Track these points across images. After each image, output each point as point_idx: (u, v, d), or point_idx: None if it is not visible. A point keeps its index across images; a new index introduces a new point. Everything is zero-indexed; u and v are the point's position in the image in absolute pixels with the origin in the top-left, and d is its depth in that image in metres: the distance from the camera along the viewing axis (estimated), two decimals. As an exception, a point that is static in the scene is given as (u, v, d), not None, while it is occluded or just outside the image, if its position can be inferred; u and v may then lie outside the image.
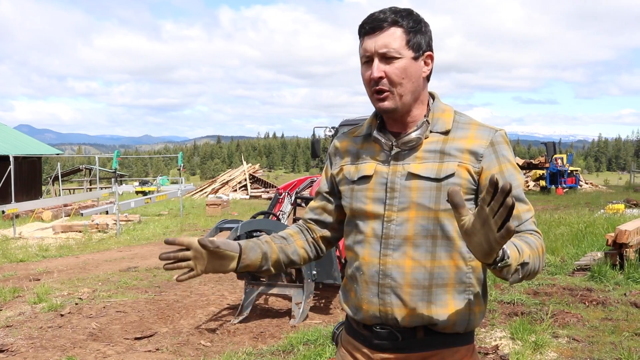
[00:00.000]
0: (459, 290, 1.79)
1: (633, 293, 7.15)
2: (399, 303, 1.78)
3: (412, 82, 1.79)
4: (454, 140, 1.80)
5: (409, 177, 1.79)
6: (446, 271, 1.77)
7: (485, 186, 1.71)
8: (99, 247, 13.60)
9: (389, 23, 1.76)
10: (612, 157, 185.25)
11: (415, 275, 1.77)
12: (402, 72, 1.77)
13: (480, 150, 1.78)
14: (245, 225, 6.25)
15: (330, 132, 10.19)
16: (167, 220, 18.84)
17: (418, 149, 1.81)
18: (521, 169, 2.50)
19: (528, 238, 1.71)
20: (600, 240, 10.00)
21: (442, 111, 1.86)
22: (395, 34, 1.77)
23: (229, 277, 9.11)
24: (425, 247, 1.77)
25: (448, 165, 1.77)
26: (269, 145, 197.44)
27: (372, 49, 1.77)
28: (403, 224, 1.78)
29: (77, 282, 9.04)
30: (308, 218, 2.09)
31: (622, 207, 16.84)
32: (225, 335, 6.21)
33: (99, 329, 6.42)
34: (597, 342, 5.48)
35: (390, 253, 1.79)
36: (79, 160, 77.71)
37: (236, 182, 35.66)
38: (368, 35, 1.79)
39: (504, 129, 1.83)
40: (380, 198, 1.82)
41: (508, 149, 1.82)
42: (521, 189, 1.81)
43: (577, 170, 37.76)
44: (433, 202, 1.76)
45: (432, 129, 1.83)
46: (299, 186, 8.42)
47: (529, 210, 1.80)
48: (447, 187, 1.74)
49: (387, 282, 1.79)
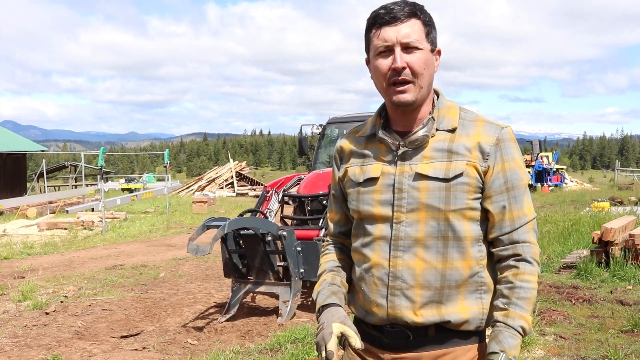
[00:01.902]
0: (471, 290, 1.78)
1: (619, 290, 7.20)
2: (409, 304, 1.76)
3: (430, 75, 1.78)
4: (461, 138, 1.78)
5: (416, 177, 1.76)
6: (459, 272, 1.76)
7: (488, 185, 1.76)
8: (85, 244, 13.51)
9: (408, 14, 1.74)
10: (596, 155, 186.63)
11: (427, 277, 1.75)
12: (423, 63, 1.75)
13: (487, 149, 1.76)
14: (233, 223, 6.22)
15: (317, 129, 10.16)
16: (153, 218, 18.75)
17: (425, 147, 1.79)
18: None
19: (520, 290, 1.75)
20: (586, 238, 10.06)
21: (448, 108, 1.84)
22: (416, 25, 1.75)
23: (216, 274, 9.09)
24: (436, 249, 1.76)
25: (456, 164, 1.75)
26: (255, 143, 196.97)
27: (393, 39, 1.73)
28: (413, 225, 1.76)
29: (62, 280, 8.97)
30: (337, 233, 2.05)
31: (607, 205, 16.95)
32: (213, 333, 6.18)
33: (85, 328, 6.36)
34: (583, 340, 5.51)
35: (400, 255, 1.77)
36: (64, 157, 77.24)
37: (223, 180, 35.57)
38: (388, 25, 1.74)
39: (510, 126, 1.81)
40: (387, 200, 1.79)
41: (514, 146, 1.81)
42: (521, 190, 1.79)
43: (563, 169, 37.98)
44: (443, 202, 1.74)
45: (439, 127, 1.80)
46: (286, 184, 8.39)
47: (525, 215, 1.79)
48: (457, 186, 1.74)
49: (397, 284, 1.77)
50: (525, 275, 1.75)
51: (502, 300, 1.76)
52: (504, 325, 1.72)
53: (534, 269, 1.77)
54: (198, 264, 10.29)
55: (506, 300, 1.75)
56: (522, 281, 1.75)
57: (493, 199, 1.77)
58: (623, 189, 29.81)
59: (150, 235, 15.00)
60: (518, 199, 1.78)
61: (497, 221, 1.78)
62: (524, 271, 1.76)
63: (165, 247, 12.82)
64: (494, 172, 1.76)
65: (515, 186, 1.78)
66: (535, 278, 1.78)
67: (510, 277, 1.76)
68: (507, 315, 1.73)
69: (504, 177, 1.77)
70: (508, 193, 1.77)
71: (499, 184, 1.77)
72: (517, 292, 1.74)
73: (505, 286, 1.76)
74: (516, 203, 1.78)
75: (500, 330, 1.72)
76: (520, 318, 1.72)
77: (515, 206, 1.77)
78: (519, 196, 1.78)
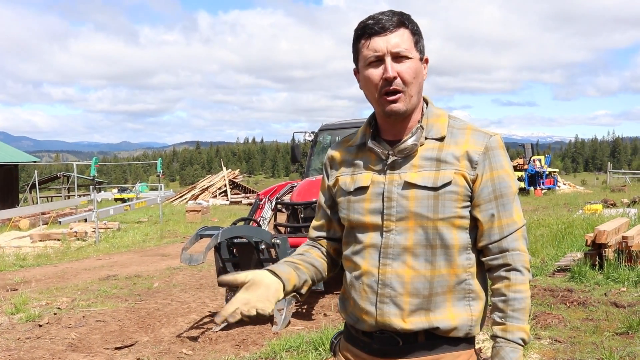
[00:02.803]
0: (459, 297, 1.79)
1: (613, 293, 7.21)
2: (398, 312, 1.76)
3: (419, 84, 1.80)
4: (450, 147, 1.79)
5: (405, 186, 1.77)
6: (445, 279, 1.77)
7: (476, 193, 1.77)
8: (78, 255, 13.44)
9: (397, 24, 1.76)
10: (588, 157, 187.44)
11: (415, 284, 1.76)
12: (413, 72, 1.77)
13: (475, 157, 1.77)
14: (226, 232, 6.21)
15: (309, 136, 10.17)
16: (147, 228, 18.69)
17: (414, 156, 1.80)
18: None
19: (515, 301, 1.76)
20: (580, 240, 10.08)
21: (437, 116, 1.85)
22: (405, 34, 1.77)
23: (210, 284, 9.06)
24: (424, 257, 1.76)
25: (445, 173, 1.76)
26: (248, 151, 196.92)
27: (383, 49, 1.75)
28: (402, 234, 1.77)
29: (55, 292, 8.92)
30: (315, 237, 2.06)
31: (600, 207, 16.99)
32: (207, 343, 6.15)
33: (79, 339, 6.33)
34: (578, 343, 5.51)
35: (389, 262, 1.78)
36: (56, 168, 77.00)
37: (216, 188, 35.53)
38: (377, 35, 1.76)
39: (499, 134, 1.82)
40: (377, 208, 1.80)
41: (503, 154, 1.82)
42: (510, 198, 1.80)
43: (555, 172, 38.08)
44: (431, 211, 1.75)
45: (428, 135, 1.81)
46: (279, 192, 8.39)
47: (514, 222, 1.80)
48: (445, 195, 1.75)
49: (387, 292, 1.77)
50: (518, 286, 1.77)
51: (498, 314, 1.78)
52: (504, 341, 1.75)
53: (525, 278, 1.78)
54: (192, 273, 10.26)
55: (502, 314, 1.77)
56: (515, 292, 1.76)
57: (482, 207, 1.78)
58: (615, 191, 29.93)
59: (144, 245, 14.95)
60: (507, 206, 1.79)
61: (486, 229, 1.79)
62: (515, 282, 1.77)
63: (159, 256, 12.77)
64: (483, 180, 1.78)
65: (504, 194, 1.78)
66: (527, 287, 1.78)
67: (502, 289, 1.78)
68: (505, 329, 1.75)
69: (492, 185, 1.78)
70: (497, 201, 1.78)
71: (488, 192, 1.78)
72: (512, 304, 1.76)
73: (499, 299, 1.78)
74: (505, 211, 1.78)
75: (502, 346, 1.75)
76: (518, 330, 1.74)
77: (504, 214, 1.78)
78: (508, 204, 1.79)
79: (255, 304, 1.71)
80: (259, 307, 1.71)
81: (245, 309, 1.71)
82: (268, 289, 1.76)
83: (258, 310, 1.70)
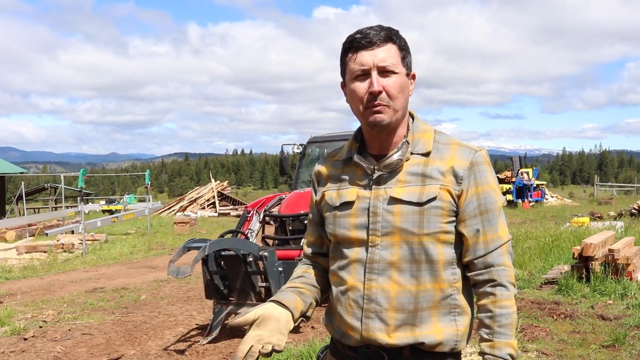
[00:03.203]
0: (444, 312, 1.79)
1: (600, 305, 7.24)
2: (383, 327, 1.77)
3: (405, 98, 1.81)
4: (435, 162, 1.80)
5: (391, 201, 1.78)
6: (431, 294, 1.77)
7: (461, 208, 1.78)
8: (65, 267, 13.35)
9: (384, 39, 1.77)
10: (576, 170, 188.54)
11: (401, 299, 1.76)
12: (399, 87, 1.78)
13: (460, 173, 1.78)
14: (213, 245, 6.19)
15: (298, 149, 10.18)
16: (135, 239, 18.60)
17: (400, 171, 1.80)
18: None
19: (501, 317, 1.76)
20: (567, 253, 10.11)
21: (423, 132, 1.86)
22: (392, 49, 1.78)
23: (198, 296, 9.01)
24: (410, 272, 1.77)
25: (430, 188, 1.76)
26: (237, 162, 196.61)
27: (370, 63, 1.76)
28: (387, 249, 1.77)
29: (41, 304, 8.84)
30: (310, 254, 2.06)
31: (587, 220, 17.09)
32: (194, 356, 6.12)
33: (64, 353, 6.27)
34: (565, 356, 5.52)
35: (375, 278, 1.78)
36: (44, 179, 76.48)
37: (204, 200, 35.43)
38: (364, 49, 1.77)
39: (484, 149, 1.84)
40: (362, 224, 1.81)
41: (488, 169, 1.82)
42: (495, 213, 1.81)
43: (543, 184, 38.29)
44: (416, 226, 1.75)
45: (413, 151, 1.82)
46: (267, 204, 8.38)
47: (499, 237, 1.81)
48: (430, 210, 1.75)
49: (372, 307, 1.77)
50: (503, 302, 1.77)
51: (485, 330, 1.79)
52: (492, 357, 1.76)
53: (511, 293, 1.79)
54: (179, 285, 10.21)
55: (489, 330, 1.78)
56: (501, 308, 1.77)
57: (467, 222, 1.79)
58: (602, 203, 30.14)
59: (131, 257, 14.87)
60: (492, 221, 1.80)
61: (472, 244, 1.79)
62: (501, 297, 1.78)
63: (146, 268, 12.70)
64: (468, 195, 1.78)
65: (489, 209, 1.79)
66: (513, 302, 1.79)
67: (489, 305, 1.78)
68: (493, 346, 1.76)
69: (477, 201, 1.78)
70: (482, 216, 1.79)
71: (473, 208, 1.78)
72: (499, 320, 1.76)
73: (486, 315, 1.79)
74: (490, 226, 1.79)
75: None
76: (506, 346, 1.75)
77: (489, 229, 1.79)
78: (493, 219, 1.80)
79: (268, 340, 1.71)
80: (273, 342, 1.71)
81: (259, 345, 1.70)
82: (278, 321, 1.77)
83: (274, 347, 1.70)
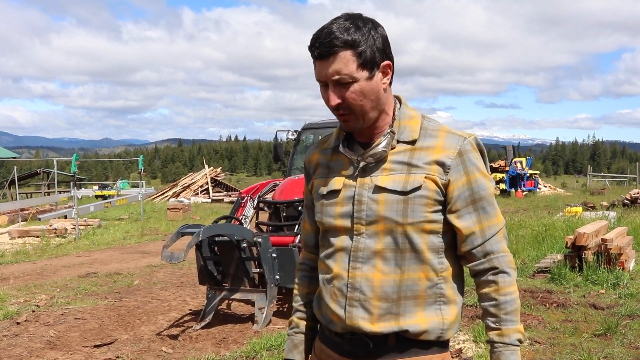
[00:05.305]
0: (429, 301, 1.77)
1: (592, 294, 7.27)
2: (366, 316, 1.75)
3: (371, 100, 1.74)
4: (421, 150, 1.76)
5: (375, 190, 1.76)
6: (415, 283, 1.75)
7: (452, 199, 1.75)
8: (57, 252, 13.33)
9: (337, 47, 1.68)
10: (569, 160, 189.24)
11: (385, 288, 1.75)
12: (359, 95, 1.72)
13: (448, 162, 1.74)
14: (207, 230, 6.17)
15: (292, 135, 10.15)
16: (128, 225, 18.58)
17: (385, 160, 1.78)
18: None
19: (506, 304, 1.76)
20: (560, 242, 10.16)
21: (409, 118, 1.82)
22: (345, 57, 1.68)
23: (191, 282, 9.01)
24: (394, 261, 1.75)
25: (415, 177, 1.73)
26: (230, 149, 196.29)
27: (324, 76, 1.72)
28: (372, 237, 1.76)
29: (34, 289, 8.83)
30: (312, 245, 2.04)
31: (580, 210, 17.14)
32: (187, 341, 6.12)
33: (57, 337, 6.26)
34: (557, 344, 5.55)
35: (359, 266, 1.76)
36: (36, 164, 76.16)
37: (198, 186, 35.39)
38: (318, 61, 1.72)
39: (474, 134, 1.79)
40: (347, 212, 1.79)
41: (477, 156, 1.78)
42: (488, 200, 1.78)
43: (536, 174, 38.39)
44: (400, 215, 1.73)
45: (399, 138, 1.78)
46: (261, 190, 8.36)
47: (495, 224, 1.79)
48: (415, 200, 1.73)
49: (356, 295, 1.76)
50: (507, 288, 1.77)
51: (491, 319, 1.78)
52: (502, 345, 1.75)
53: (512, 279, 1.79)
54: (173, 271, 10.20)
55: (495, 319, 1.77)
56: (505, 295, 1.77)
57: (460, 212, 1.76)
58: (595, 194, 30.24)
59: (124, 243, 14.85)
60: (486, 209, 1.77)
61: (467, 235, 1.77)
62: (504, 284, 1.77)
63: (139, 254, 12.69)
64: (458, 185, 1.75)
65: (482, 197, 1.77)
66: (515, 287, 1.79)
67: (492, 293, 1.78)
68: (501, 334, 1.76)
69: (469, 190, 1.75)
70: (475, 205, 1.76)
71: (464, 197, 1.75)
72: (504, 308, 1.76)
73: (490, 304, 1.78)
74: (485, 214, 1.77)
75: (501, 351, 1.75)
76: (514, 332, 1.75)
77: (484, 217, 1.77)
78: (487, 206, 1.78)
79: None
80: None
81: None
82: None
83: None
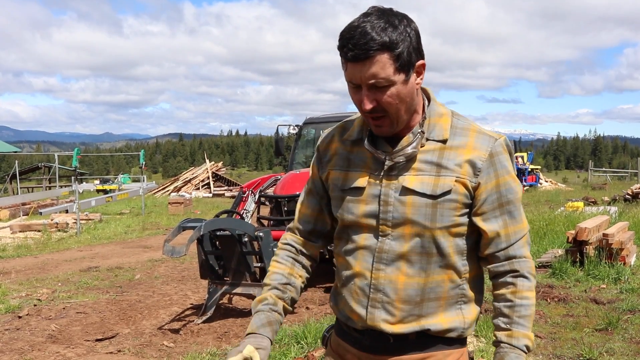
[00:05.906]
0: (451, 302, 1.75)
1: (593, 289, 7.28)
2: (388, 317, 1.72)
3: (406, 103, 1.67)
4: (451, 150, 1.71)
5: (403, 191, 1.69)
6: (439, 285, 1.72)
7: (480, 201, 1.71)
8: (59, 246, 13.34)
9: (374, 50, 1.58)
10: (570, 155, 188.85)
11: (408, 291, 1.71)
12: (395, 99, 1.64)
13: (479, 164, 1.69)
14: (209, 224, 6.18)
15: (294, 130, 10.15)
16: (129, 219, 18.58)
17: (415, 159, 1.71)
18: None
19: (521, 307, 1.73)
20: (561, 237, 10.15)
21: (440, 116, 1.75)
22: (382, 61, 1.59)
23: (192, 276, 9.02)
24: (419, 264, 1.71)
25: (445, 180, 1.68)
26: (232, 143, 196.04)
27: (359, 79, 1.63)
28: (398, 240, 1.71)
29: (35, 283, 8.85)
30: (304, 231, 1.96)
31: (581, 205, 17.13)
32: (189, 335, 6.13)
33: (59, 331, 6.27)
34: (558, 339, 5.56)
35: (383, 268, 1.72)
36: (37, 158, 76.22)
37: (199, 180, 35.36)
38: (352, 62, 1.61)
39: (504, 136, 1.74)
40: (373, 211, 1.73)
41: (507, 159, 1.74)
42: (516, 204, 1.74)
43: (538, 169, 38.34)
44: (429, 219, 1.68)
45: (429, 137, 1.72)
46: (262, 184, 8.38)
47: (521, 229, 1.75)
48: (444, 204, 1.68)
49: (379, 297, 1.72)
50: (524, 292, 1.73)
51: (503, 319, 1.74)
52: (509, 347, 1.71)
53: (532, 284, 1.75)
54: (174, 265, 10.21)
55: (508, 319, 1.73)
56: (521, 298, 1.73)
57: (486, 215, 1.72)
58: (596, 189, 30.18)
59: (126, 237, 14.85)
60: (513, 213, 1.74)
61: (492, 238, 1.73)
62: (522, 288, 1.73)
63: (140, 248, 12.70)
64: (487, 188, 1.71)
65: (510, 200, 1.73)
66: (533, 294, 1.75)
67: (508, 295, 1.74)
68: (510, 335, 1.72)
69: (498, 193, 1.71)
70: (502, 208, 1.72)
71: (492, 200, 1.71)
72: (518, 311, 1.72)
73: (505, 304, 1.74)
74: (511, 218, 1.74)
75: (506, 352, 1.71)
76: (523, 337, 1.71)
77: (510, 221, 1.73)
78: (514, 210, 1.74)
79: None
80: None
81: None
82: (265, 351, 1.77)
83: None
